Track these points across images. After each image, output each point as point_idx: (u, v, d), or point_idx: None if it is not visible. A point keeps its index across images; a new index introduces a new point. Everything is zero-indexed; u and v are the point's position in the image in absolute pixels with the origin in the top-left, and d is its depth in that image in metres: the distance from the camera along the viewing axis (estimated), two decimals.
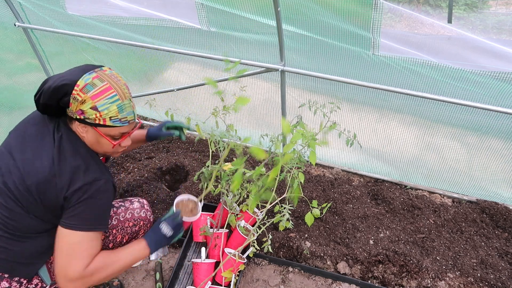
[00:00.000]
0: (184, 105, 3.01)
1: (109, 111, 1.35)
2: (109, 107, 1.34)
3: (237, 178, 1.37)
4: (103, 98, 1.33)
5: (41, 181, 1.32)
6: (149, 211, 1.86)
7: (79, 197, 1.33)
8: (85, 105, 1.32)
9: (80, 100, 1.32)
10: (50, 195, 1.33)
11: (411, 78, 2.01)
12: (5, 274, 1.40)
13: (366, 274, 2.02)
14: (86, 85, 1.32)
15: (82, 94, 1.31)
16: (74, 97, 1.32)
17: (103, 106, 1.33)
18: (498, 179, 2.37)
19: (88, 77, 1.33)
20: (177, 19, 2.39)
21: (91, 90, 1.32)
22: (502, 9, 2.71)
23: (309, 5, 1.93)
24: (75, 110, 1.34)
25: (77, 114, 1.35)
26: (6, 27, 2.78)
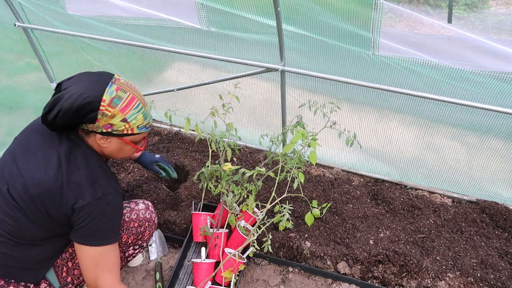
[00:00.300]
0: (184, 105, 3.01)
1: (137, 121, 1.39)
2: (137, 117, 1.38)
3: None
4: (131, 110, 1.35)
5: (46, 190, 1.31)
6: (154, 213, 1.87)
7: (89, 213, 1.33)
8: (115, 119, 1.33)
9: (110, 115, 1.32)
10: (56, 205, 1.33)
11: (411, 78, 2.00)
12: (11, 280, 1.40)
13: (366, 274, 2.02)
14: (113, 99, 1.31)
15: (111, 109, 1.31)
16: (103, 113, 1.31)
17: (131, 117, 1.36)
18: (498, 179, 2.37)
19: (111, 90, 1.31)
20: (177, 19, 2.39)
21: (118, 104, 1.32)
22: (502, 9, 2.71)
23: (309, 5, 1.93)
24: (102, 125, 1.33)
25: (104, 129, 1.34)
26: (6, 27, 2.78)
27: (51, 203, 1.32)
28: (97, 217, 1.35)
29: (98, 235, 1.37)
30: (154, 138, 3.01)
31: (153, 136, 3.04)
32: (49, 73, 3.03)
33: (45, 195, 1.31)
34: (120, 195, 1.44)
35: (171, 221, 2.23)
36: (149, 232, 1.83)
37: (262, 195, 2.39)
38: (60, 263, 1.49)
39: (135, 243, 1.81)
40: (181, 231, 2.22)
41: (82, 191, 1.33)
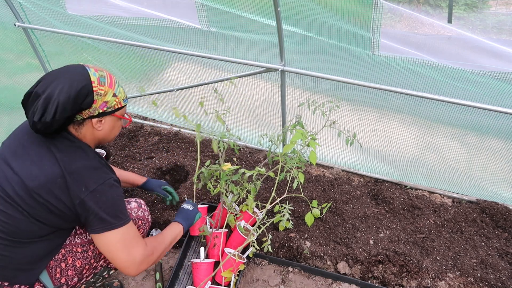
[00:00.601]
0: (184, 105, 3.01)
1: (121, 94, 1.48)
2: (120, 90, 1.47)
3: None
4: (114, 84, 1.45)
5: (45, 182, 1.32)
6: (147, 211, 1.86)
7: (97, 200, 1.37)
8: (108, 96, 1.42)
9: (103, 93, 1.40)
10: (60, 195, 1.33)
11: (411, 78, 2.00)
12: (4, 282, 1.39)
13: (366, 274, 2.02)
14: (99, 79, 1.39)
15: (102, 87, 1.39)
16: (98, 93, 1.38)
17: (117, 90, 1.46)
18: (498, 179, 2.37)
19: (93, 72, 1.39)
20: (177, 19, 2.39)
21: (105, 81, 1.41)
22: (502, 9, 2.71)
23: (309, 5, 1.93)
24: (99, 105, 1.40)
25: (100, 109, 1.42)
26: (6, 27, 2.78)
27: (53, 193, 1.32)
28: (107, 202, 1.39)
29: (114, 218, 1.42)
30: (154, 138, 3.01)
31: (153, 136, 3.04)
32: None
33: (44, 186, 1.32)
34: (117, 178, 1.49)
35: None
36: (143, 230, 1.83)
37: (262, 195, 2.39)
38: (53, 264, 1.48)
39: None
40: None
41: (84, 179, 1.36)
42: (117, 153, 2.83)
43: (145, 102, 3.16)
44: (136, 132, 3.09)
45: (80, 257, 1.54)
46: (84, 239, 1.57)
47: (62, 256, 1.51)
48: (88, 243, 1.57)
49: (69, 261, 1.52)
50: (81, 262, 1.55)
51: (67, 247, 1.51)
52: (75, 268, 1.53)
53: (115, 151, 2.86)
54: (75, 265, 1.53)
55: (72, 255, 1.52)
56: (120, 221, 1.43)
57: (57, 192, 1.32)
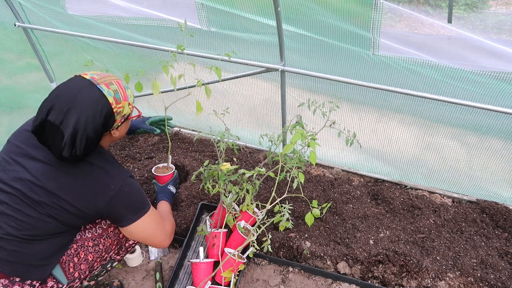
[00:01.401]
0: (184, 105, 3.01)
1: (131, 97, 1.52)
2: (130, 94, 1.51)
3: None
4: (125, 93, 1.48)
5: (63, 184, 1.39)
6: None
7: (124, 194, 1.47)
8: (125, 109, 1.47)
9: (122, 110, 1.45)
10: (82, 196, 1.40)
11: (411, 78, 2.00)
12: (16, 278, 1.40)
13: (366, 274, 2.02)
14: (115, 96, 1.42)
15: (120, 104, 1.43)
16: (117, 112, 1.43)
17: (129, 97, 1.50)
18: (498, 179, 2.37)
19: (105, 89, 1.40)
20: (177, 19, 2.39)
21: (118, 96, 1.44)
22: (502, 9, 2.71)
23: (309, 5, 1.93)
24: (119, 121, 1.47)
25: (119, 122, 1.48)
26: (6, 27, 2.78)
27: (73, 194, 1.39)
28: (130, 195, 1.50)
29: (140, 207, 1.54)
30: (154, 138, 3.01)
31: (153, 136, 3.04)
32: (49, 73, 3.03)
33: (62, 187, 1.38)
34: (129, 172, 1.57)
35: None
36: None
37: (262, 195, 2.39)
38: (66, 259, 1.51)
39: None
40: (181, 231, 2.21)
41: (108, 181, 1.44)
42: (117, 153, 2.83)
43: (145, 102, 3.16)
44: None
45: (92, 251, 1.58)
46: (94, 233, 1.60)
47: (74, 251, 1.54)
48: (98, 236, 1.61)
49: (82, 255, 1.55)
50: (93, 256, 1.58)
51: (78, 241, 1.55)
52: (87, 262, 1.56)
53: (115, 151, 2.86)
54: (87, 259, 1.56)
55: (84, 250, 1.56)
56: (146, 206, 1.56)
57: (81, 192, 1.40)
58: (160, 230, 1.63)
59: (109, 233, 1.65)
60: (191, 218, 2.22)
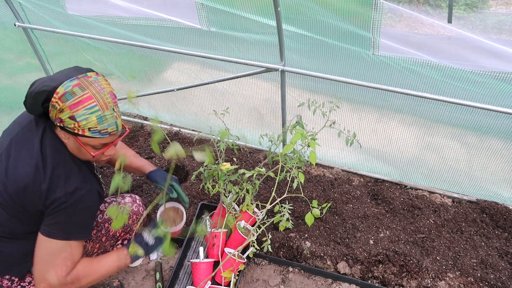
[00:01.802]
0: (184, 105, 3.01)
1: (87, 122, 1.28)
2: (88, 118, 1.28)
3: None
4: (81, 109, 1.27)
5: (21, 189, 1.32)
6: (142, 206, 1.86)
7: (59, 206, 1.33)
8: (63, 114, 1.27)
9: (58, 109, 1.27)
10: (30, 203, 1.34)
11: (411, 78, 2.00)
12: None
13: (366, 274, 2.02)
14: (65, 94, 1.26)
15: (61, 103, 1.26)
16: (53, 105, 1.27)
17: (81, 116, 1.27)
18: (498, 179, 2.37)
19: (68, 85, 1.27)
20: (177, 19, 2.38)
21: (69, 99, 1.26)
22: (502, 9, 2.71)
23: (309, 5, 1.93)
24: (54, 118, 1.31)
25: (57, 122, 1.31)
26: (6, 27, 2.78)
27: (26, 200, 1.33)
28: (66, 210, 1.33)
29: (65, 229, 1.36)
30: None
31: (153, 136, 3.04)
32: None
33: (19, 192, 1.33)
34: (95, 191, 1.42)
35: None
36: (137, 225, 1.84)
37: (262, 195, 2.39)
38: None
39: (123, 237, 1.81)
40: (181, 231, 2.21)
41: (54, 186, 1.33)
42: None
43: (145, 102, 3.16)
44: (136, 132, 3.09)
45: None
46: None
47: None
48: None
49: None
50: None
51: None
52: None
53: None
54: None
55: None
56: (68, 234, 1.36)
57: (31, 197, 1.33)
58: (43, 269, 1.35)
59: (92, 236, 1.64)
60: (191, 218, 2.22)
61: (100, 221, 1.70)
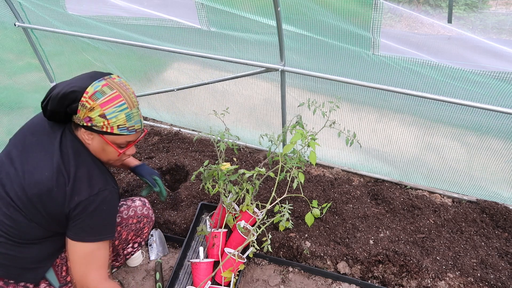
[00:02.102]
0: (184, 105, 3.01)
1: (117, 120, 1.35)
2: (118, 116, 1.35)
3: None
4: (112, 106, 1.33)
5: (43, 192, 1.33)
6: (151, 209, 1.88)
7: (85, 209, 1.34)
8: (93, 113, 1.33)
9: (88, 108, 1.32)
10: (53, 205, 1.34)
11: (411, 78, 2.00)
12: (10, 280, 1.40)
13: (366, 274, 2.02)
14: (96, 93, 1.32)
15: (91, 102, 1.32)
16: (83, 104, 1.32)
17: (111, 114, 1.34)
18: (498, 179, 2.37)
19: (97, 85, 1.33)
20: (177, 19, 2.38)
21: (100, 98, 1.32)
22: (502, 9, 2.71)
23: (309, 5, 1.93)
24: (82, 117, 1.34)
25: (85, 121, 1.35)
26: (6, 27, 2.78)
27: (49, 203, 1.33)
28: (92, 213, 1.35)
29: (93, 231, 1.38)
30: (154, 138, 3.01)
31: (153, 136, 3.04)
32: (49, 73, 3.03)
33: (42, 195, 1.33)
34: (116, 191, 1.44)
35: (171, 221, 2.23)
36: (148, 228, 1.84)
37: (262, 195, 2.39)
38: (60, 263, 1.49)
39: (134, 240, 1.81)
40: (181, 231, 2.22)
41: (78, 188, 1.34)
42: None
43: (145, 102, 3.16)
44: None
45: None
46: None
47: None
48: None
49: None
50: None
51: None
52: None
53: None
54: None
55: None
56: (98, 236, 1.39)
57: (53, 200, 1.33)
58: (81, 272, 1.38)
59: None
60: (191, 218, 2.23)
61: None
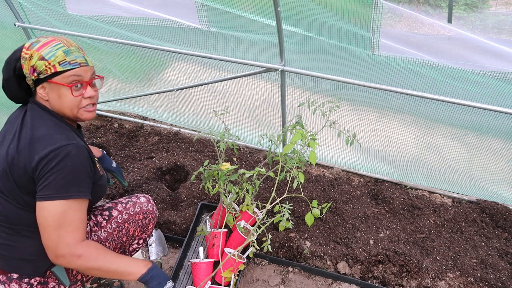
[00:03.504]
0: (184, 105, 3.01)
1: (56, 57, 1.35)
2: (56, 53, 1.35)
3: None
4: (48, 47, 1.35)
5: (9, 163, 1.31)
6: (154, 206, 1.88)
7: (47, 165, 1.28)
8: (33, 60, 1.34)
9: (28, 57, 1.35)
10: (20, 174, 1.31)
11: (411, 78, 2.00)
12: (13, 274, 1.39)
13: (366, 274, 2.02)
14: (32, 43, 1.36)
15: (28, 51, 1.35)
16: (23, 57, 1.36)
17: (49, 53, 1.34)
18: (498, 179, 2.37)
19: (36, 39, 1.39)
20: (177, 19, 2.39)
21: (36, 45, 1.36)
22: (502, 9, 2.71)
23: (309, 5, 1.93)
24: (28, 71, 1.37)
25: (31, 74, 1.37)
26: (6, 27, 2.78)
27: (15, 173, 1.31)
28: (55, 168, 1.28)
29: (60, 188, 1.29)
30: (154, 138, 3.01)
31: (153, 136, 3.04)
32: None
33: (8, 167, 1.32)
34: (82, 148, 1.37)
35: (171, 221, 2.23)
36: (152, 225, 1.85)
37: (262, 195, 2.39)
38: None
39: (140, 236, 1.81)
40: (181, 231, 2.22)
41: (37, 147, 1.31)
42: (117, 153, 2.83)
43: (145, 102, 3.16)
44: (136, 132, 3.09)
45: None
46: (100, 237, 1.58)
47: None
48: (104, 240, 1.59)
49: None
50: None
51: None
52: None
53: (115, 151, 2.86)
54: None
55: None
56: (66, 193, 1.30)
57: (19, 169, 1.31)
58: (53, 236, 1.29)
59: (114, 236, 1.65)
60: (191, 218, 2.23)
61: (120, 221, 1.70)
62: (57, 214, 1.29)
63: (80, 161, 1.35)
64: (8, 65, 1.39)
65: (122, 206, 1.75)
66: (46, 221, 1.29)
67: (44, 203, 1.29)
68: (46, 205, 1.28)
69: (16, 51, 1.38)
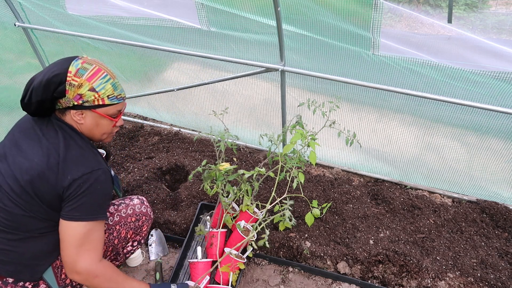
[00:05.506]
0: (184, 105, 3.01)
1: (106, 90, 1.41)
2: (105, 86, 1.40)
3: None
4: (98, 79, 1.39)
5: (34, 176, 1.33)
6: (149, 207, 1.87)
7: (79, 187, 1.35)
8: (82, 89, 1.36)
9: (77, 85, 1.36)
10: (46, 188, 1.34)
11: (411, 78, 2.01)
12: (9, 279, 1.40)
13: (366, 274, 2.02)
14: (79, 70, 1.36)
15: (78, 79, 1.36)
16: (70, 83, 1.35)
17: (100, 86, 1.39)
18: (498, 179, 2.37)
19: (77, 63, 1.37)
20: (177, 19, 2.39)
21: (84, 73, 1.36)
22: (502, 9, 2.71)
23: (309, 5, 1.93)
24: (72, 97, 1.37)
25: (75, 100, 1.38)
26: (6, 27, 2.78)
27: (42, 187, 1.34)
28: (86, 192, 1.36)
29: (88, 210, 1.38)
30: (154, 138, 3.01)
31: (153, 136, 3.04)
32: None
33: (34, 180, 1.33)
34: (108, 172, 1.46)
35: (171, 221, 2.23)
36: (146, 227, 1.84)
37: (262, 195, 2.39)
38: (60, 264, 1.49)
39: (133, 239, 1.81)
40: (181, 231, 2.22)
41: (70, 167, 1.35)
42: (117, 153, 2.83)
43: (145, 102, 3.16)
44: (136, 132, 3.09)
45: None
46: None
47: None
48: None
49: None
50: None
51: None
52: None
53: (115, 151, 2.86)
54: None
55: None
56: (92, 215, 1.38)
57: (47, 183, 1.34)
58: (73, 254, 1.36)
59: (105, 239, 1.64)
60: (191, 218, 2.23)
61: (112, 224, 1.70)
62: (81, 233, 1.37)
63: (107, 185, 1.44)
64: (48, 87, 1.34)
65: (114, 208, 1.75)
66: (69, 238, 1.37)
67: (71, 223, 1.37)
68: (73, 225, 1.36)
69: (59, 74, 1.34)
